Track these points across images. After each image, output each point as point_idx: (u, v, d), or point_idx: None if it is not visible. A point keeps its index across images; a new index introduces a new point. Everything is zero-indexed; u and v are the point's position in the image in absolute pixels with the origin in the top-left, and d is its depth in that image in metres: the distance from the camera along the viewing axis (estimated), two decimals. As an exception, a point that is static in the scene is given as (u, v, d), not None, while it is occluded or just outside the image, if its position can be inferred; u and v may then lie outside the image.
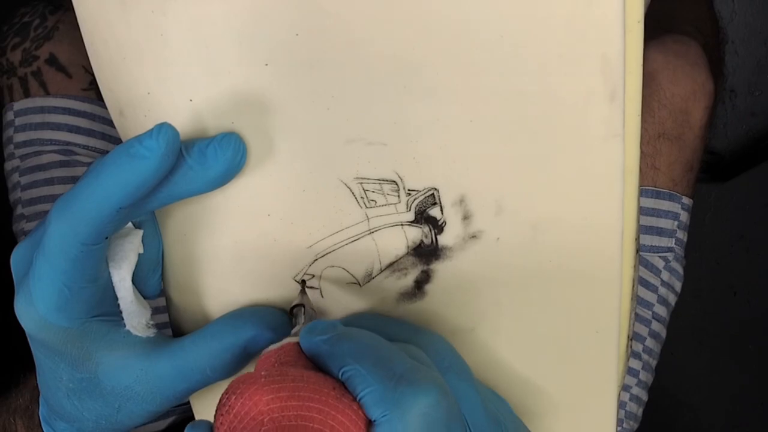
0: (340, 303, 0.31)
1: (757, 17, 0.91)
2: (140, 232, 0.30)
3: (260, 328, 0.30)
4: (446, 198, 0.29)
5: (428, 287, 0.31)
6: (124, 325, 0.30)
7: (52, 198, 0.58)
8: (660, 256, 0.57)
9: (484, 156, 0.28)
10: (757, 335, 0.97)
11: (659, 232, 0.56)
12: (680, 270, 0.58)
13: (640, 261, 0.56)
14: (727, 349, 0.98)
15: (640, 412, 0.58)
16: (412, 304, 0.31)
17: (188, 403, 0.35)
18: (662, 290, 0.57)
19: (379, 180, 0.29)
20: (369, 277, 0.31)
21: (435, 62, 0.27)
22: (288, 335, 0.27)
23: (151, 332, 0.30)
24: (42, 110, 0.58)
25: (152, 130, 0.26)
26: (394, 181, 0.29)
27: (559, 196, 0.29)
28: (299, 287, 0.31)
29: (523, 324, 0.31)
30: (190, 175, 0.27)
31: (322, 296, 0.31)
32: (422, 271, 0.31)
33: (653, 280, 0.57)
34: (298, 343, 0.26)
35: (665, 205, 0.56)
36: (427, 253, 0.30)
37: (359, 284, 0.31)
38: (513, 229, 0.29)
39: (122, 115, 0.30)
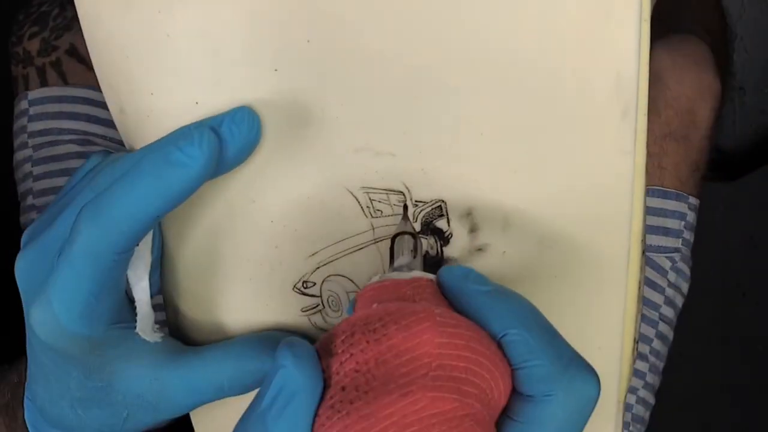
0: (341, 312, 0.31)
1: (766, 14, 0.90)
2: (151, 231, 0.29)
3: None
4: (453, 210, 0.29)
5: None
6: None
7: None
8: (667, 257, 0.56)
9: (493, 169, 0.28)
10: (766, 336, 0.96)
11: (666, 232, 0.56)
12: (687, 271, 0.57)
13: (647, 262, 0.56)
14: (735, 351, 0.97)
15: (647, 415, 0.58)
16: None
17: None
18: (669, 291, 0.56)
19: (386, 190, 0.29)
20: (372, 287, 0.31)
21: (446, 74, 0.27)
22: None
23: (158, 336, 0.30)
24: (60, 100, 0.57)
25: (193, 136, 0.25)
26: (402, 192, 0.29)
27: (567, 212, 0.28)
28: (401, 213, 0.29)
29: None
30: None
31: (323, 305, 0.31)
32: None
33: (660, 281, 0.56)
34: (432, 281, 0.24)
35: (672, 204, 0.56)
36: (431, 264, 0.30)
37: None
38: (519, 243, 0.29)
39: (123, 112, 0.30)
